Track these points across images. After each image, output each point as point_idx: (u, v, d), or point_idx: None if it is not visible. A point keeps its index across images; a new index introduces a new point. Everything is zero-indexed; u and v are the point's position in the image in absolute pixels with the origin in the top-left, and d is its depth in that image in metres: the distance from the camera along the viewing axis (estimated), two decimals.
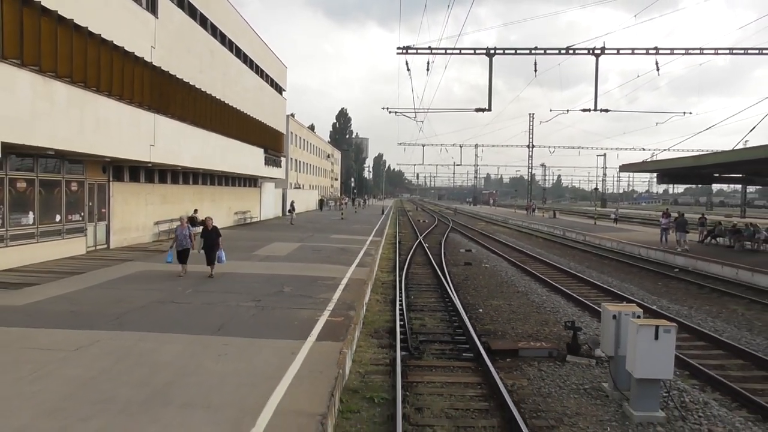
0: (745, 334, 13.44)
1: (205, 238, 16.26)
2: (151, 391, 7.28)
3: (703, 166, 26.27)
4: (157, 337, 9.77)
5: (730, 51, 26.07)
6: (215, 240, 16.20)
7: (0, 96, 13.32)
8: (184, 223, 16.69)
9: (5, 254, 15.89)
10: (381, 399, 8.53)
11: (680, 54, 25.79)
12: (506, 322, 14.08)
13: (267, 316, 11.70)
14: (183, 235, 16.29)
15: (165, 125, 22.75)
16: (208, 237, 16.21)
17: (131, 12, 19.96)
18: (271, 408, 6.86)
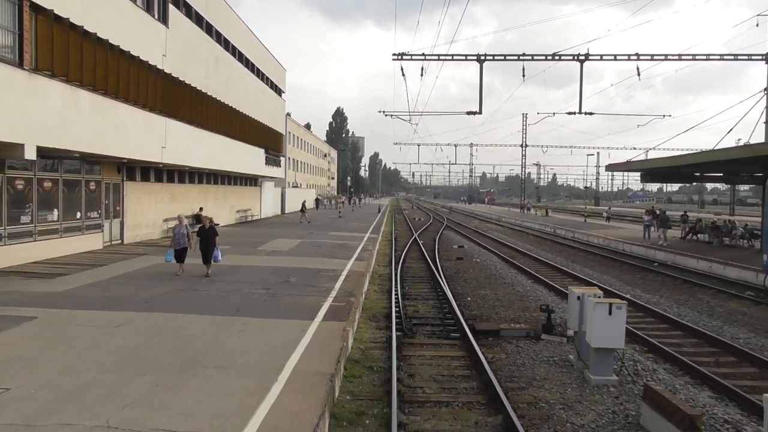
0: (706, 318, 14.98)
1: (202, 237, 16.30)
2: (187, 357, 8.77)
3: (682, 165, 27.83)
4: (184, 317, 11.26)
5: (707, 57, 27.62)
6: (212, 239, 16.21)
7: (35, 105, 14.79)
8: (183, 222, 16.73)
9: (34, 248, 17.34)
10: (379, 367, 10.00)
11: (660, 60, 27.33)
12: (491, 308, 15.57)
13: (277, 301, 13.19)
14: (181, 234, 16.39)
15: (175, 128, 24.22)
16: (205, 236, 16.26)
17: (145, 23, 21.43)
18: (289, 369, 8.35)
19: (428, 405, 8.47)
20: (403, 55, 27.52)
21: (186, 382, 7.65)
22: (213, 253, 16.16)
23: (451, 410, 8.28)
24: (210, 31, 29.27)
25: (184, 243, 16.34)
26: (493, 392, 8.70)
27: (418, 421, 7.85)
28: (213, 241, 16.17)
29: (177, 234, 16.41)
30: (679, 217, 36.77)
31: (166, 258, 16.21)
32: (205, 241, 16.18)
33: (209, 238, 16.18)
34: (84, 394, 7.06)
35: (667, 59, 27.35)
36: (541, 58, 27.69)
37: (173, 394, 7.16)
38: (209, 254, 16.12)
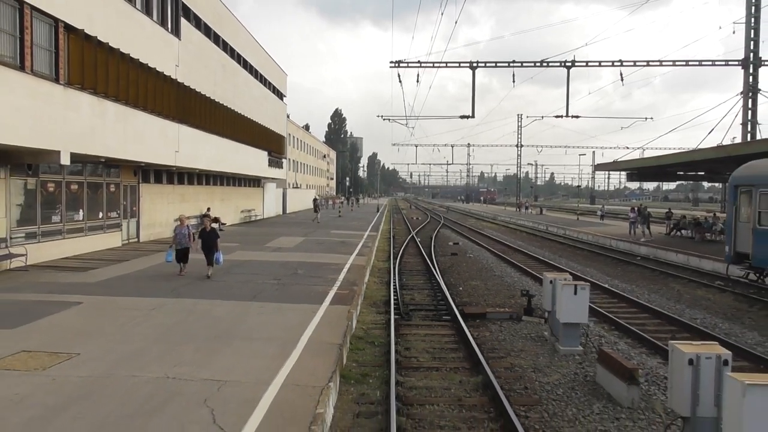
0: (672, 303, 16.65)
1: (204, 239, 16.27)
2: (218, 331, 10.43)
3: (665, 165, 29.55)
4: (209, 302, 12.91)
5: (686, 63, 29.34)
6: (213, 241, 16.18)
7: (69, 115, 16.44)
8: (184, 223, 16.71)
9: (63, 245, 18.98)
10: (379, 342, 11.66)
11: (642, 66, 29.04)
12: (481, 296, 17.24)
13: (288, 289, 14.85)
14: (182, 235, 16.37)
15: (187, 133, 25.88)
16: (207, 238, 16.23)
17: (160, 37, 23.10)
18: (304, 340, 10.00)
19: (421, 369, 10.12)
20: (400, 63, 29.21)
21: (221, 349, 9.31)
22: (215, 255, 16.12)
23: (440, 373, 9.93)
24: (217, 40, 30.95)
25: (185, 243, 16.38)
26: (476, 360, 10.34)
27: (412, 380, 9.50)
28: (214, 243, 16.17)
29: (178, 234, 16.42)
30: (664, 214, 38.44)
31: (167, 258, 16.23)
32: (207, 243, 16.19)
33: (210, 240, 16.18)
34: (140, 357, 8.72)
35: (649, 65, 29.08)
36: (530, 64, 29.41)
37: (213, 357, 8.83)
38: (211, 256, 16.14)
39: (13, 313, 11.37)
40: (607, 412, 8.15)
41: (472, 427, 7.67)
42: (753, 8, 28.39)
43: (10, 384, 7.45)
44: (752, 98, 28.69)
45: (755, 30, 28.58)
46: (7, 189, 16.18)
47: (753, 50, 28.67)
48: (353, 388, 8.92)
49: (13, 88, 14.13)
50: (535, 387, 9.28)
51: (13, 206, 16.61)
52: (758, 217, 15.91)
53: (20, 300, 12.61)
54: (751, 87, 28.56)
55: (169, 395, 7.16)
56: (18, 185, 16.82)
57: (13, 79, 14.17)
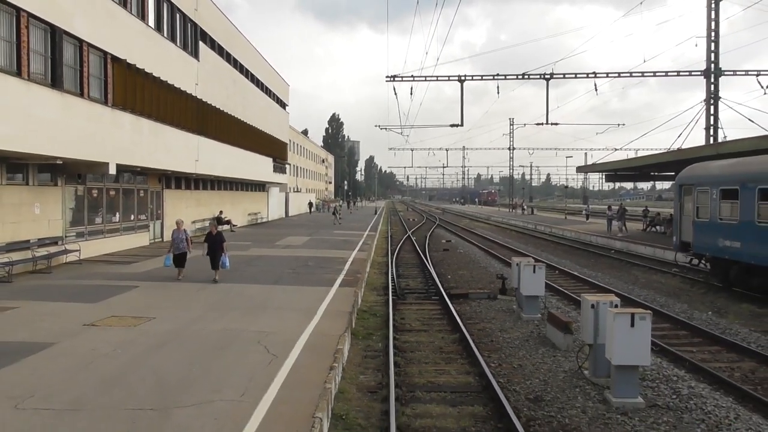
0: (629, 285, 19.55)
1: (209, 243, 16.40)
2: (254, 304, 13.38)
3: (634, 167, 32.56)
4: (241, 285, 15.86)
5: (654, 74, 32.41)
6: (219, 245, 16.25)
7: (115, 132, 19.42)
8: (181, 227, 16.83)
9: (104, 243, 21.92)
10: (380, 314, 14.58)
11: (614, 77, 32.09)
12: (466, 282, 20.19)
13: (303, 276, 17.80)
14: (180, 239, 16.45)
15: (205, 144, 28.85)
16: (213, 242, 16.34)
17: (183, 59, 26.10)
18: (321, 310, 12.94)
19: (413, 331, 13.05)
20: (395, 77, 32.24)
21: (260, 314, 12.26)
22: (221, 258, 16.21)
23: (427, 333, 12.86)
24: (228, 59, 33.95)
25: (183, 248, 16.51)
26: (455, 324, 13.28)
27: (405, 337, 12.43)
28: (220, 247, 16.24)
29: (176, 239, 16.49)
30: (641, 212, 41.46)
31: (165, 263, 16.37)
32: (212, 247, 16.30)
33: (216, 244, 16.30)
34: (202, 319, 11.67)
35: (620, 76, 32.13)
36: (512, 77, 32.45)
37: (255, 319, 11.79)
38: (216, 260, 16.25)
39: (89, 293, 14.31)
40: (548, 352, 11.11)
41: (448, 362, 10.62)
42: (713, 23, 31.46)
43: (116, 334, 10.40)
44: (714, 105, 31.70)
45: (715, 43, 31.58)
46: (63, 195, 19.14)
47: (713, 61, 31.66)
48: (361, 342, 11.84)
49: (77, 113, 17.14)
50: (498, 341, 12.23)
51: (67, 210, 19.56)
52: (696, 211, 18.87)
53: (89, 284, 15.56)
54: (713, 95, 31.58)
55: (232, 338, 10.13)
56: (70, 192, 19.77)
57: (77, 105, 17.17)
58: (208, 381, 7.86)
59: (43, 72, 16.03)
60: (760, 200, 15.56)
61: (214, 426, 6.34)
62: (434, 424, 7.65)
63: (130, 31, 20.82)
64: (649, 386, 9.05)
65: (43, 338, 9.90)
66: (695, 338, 12.54)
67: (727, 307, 15.71)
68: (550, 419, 7.84)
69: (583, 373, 9.58)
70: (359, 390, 8.84)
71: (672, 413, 7.97)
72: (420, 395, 8.80)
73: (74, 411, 6.70)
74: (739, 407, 8.20)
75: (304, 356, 9.23)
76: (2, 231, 16.29)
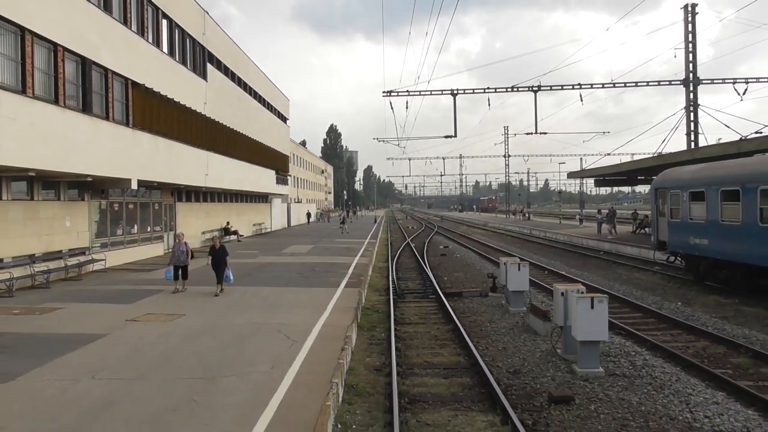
0: (610, 282, 21.20)
1: (213, 256, 16.41)
2: (269, 303, 15.05)
3: (623, 172, 34.30)
4: (256, 288, 17.53)
5: (636, 84, 34.22)
6: (223, 258, 16.27)
7: (135, 151, 21.17)
8: (182, 240, 16.93)
9: (125, 252, 23.60)
10: (382, 311, 16.21)
11: (598, 87, 33.89)
12: (461, 283, 21.85)
13: (310, 279, 19.48)
14: (180, 251, 16.57)
15: (214, 159, 30.60)
16: (216, 255, 16.35)
17: (193, 81, 27.90)
18: (330, 306, 14.61)
19: (411, 324, 14.71)
20: (391, 92, 34.09)
21: (276, 311, 13.94)
22: (224, 272, 16.33)
23: (425, 325, 14.52)
24: (233, 77, 35.80)
25: (183, 260, 16.63)
26: (449, 317, 14.94)
27: (405, 328, 14.08)
28: (224, 260, 16.28)
29: (176, 251, 16.62)
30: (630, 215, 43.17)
31: (166, 275, 16.63)
32: (216, 260, 16.35)
33: (220, 257, 16.31)
34: (227, 315, 13.33)
35: (604, 87, 33.93)
36: (502, 90, 34.29)
37: (273, 314, 13.46)
38: (221, 273, 16.32)
39: (121, 296, 15.98)
40: (529, 338, 12.77)
41: (442, 346, 12.29)
42: (690, 35, 33.32)
43: (155, 327, 12.08)
44: (693, 112, 33.49)
45: (693, 54, 33.44)
46: (89, 210, 20.84)
47: (692, 71, 33.50)
48: (366, 333, 13.49)
49: (104, 134, 18.90)
50: (487, 330, 13.89)
51: (93, 222, 21.26)
52: (670, 213, 20.57)
53: (119, 289, 17.24)
54: (693, 103, 33.38)
55: (256, 329, 11.80)
56: (95, 206, 21.48)
57: (103, 128, 18.94)
58: (243, 359, 9.54)
59: (75, 98, 17.79)
60: (723, 201, 17.27)
61: (253, 389, 8.01)
62: (429, 391, 9.31)
63: (147, 58, 22.63)
64: (611, 361, 10.71)
65: (95, 330, 11.57)
66: (661, 324, 14.20)
67: (696, 298, 17.39)
68: (524, 385, 9.50)
69: (556, 352, 11.25)
70: (366, 368, 10.49)
71: (626, 379, 9.63)
72: (418, 371, 10.46)
73: (140, 380, 8.37)
74: (682, 373, 9.88)
75: (319, 342, 10.89)
76: (39, 242, 17.98)
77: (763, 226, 15.42)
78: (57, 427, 6.67)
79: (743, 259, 16.50)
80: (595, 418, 7.97)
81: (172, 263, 16.59)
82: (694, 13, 33.47)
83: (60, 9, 16.84)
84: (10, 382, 8.29)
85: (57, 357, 9.60)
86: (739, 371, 10.13)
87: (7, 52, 14.92)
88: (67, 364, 9.28)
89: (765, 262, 15.50)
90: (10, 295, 15.91)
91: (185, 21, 27.17)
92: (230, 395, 7.74)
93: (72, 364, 9.23)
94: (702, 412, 8.00)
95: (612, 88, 33.55)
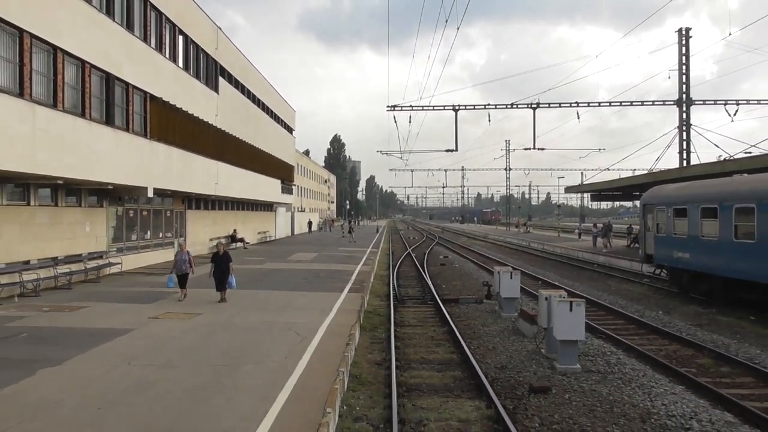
0: (599, 292, 22.32)
1: (216, 263, 16.40)
2: (280, 304, 16.22)
3: (617, 187, 35.49)
4: (265, 291, 18.72)
5: (631, 103, 35.54)
6: (226, 265, 16.29)
7: (152, 161, 22.44)
8: (184, 249, 17.14)
9: (139, 257, 24.82)
10: (383, 314, 17.37)
11: (594, 106, 35.18)
12: (458, 291, 22.99)
13: (316, 285, 20.65)
14: (182, 260, 16.70)
15: (223, 168, 31.89)
16: (219, 262, 16.36)
17: (206, 94, 29.25)
18: (335, 308, 15.77)
19: (410, 326, 15.87)
20: (395, 107, 35.40)
21: (286, 311, 15.11)
22: (228, 279, 16.38)
23: (422, 327, 15.67)
24: (243, 90, 37.18)
25: (185, 269, 16.76)
26: (446, 321, 16.10)
27: (404, 330, 15.24)
28: (227, 267, 16.32)
29: (179, 260, 16.74)
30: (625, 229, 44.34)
31: (168, 284, 16.69)
32: (219, 268, 16.33)
33: (223, 264, 16.33)
34: (241, 314, 14.51)
35: (600, 105, 35.25)
36: (502, 106, 35.59)
37: (283, 314, 14.64)
38: (224, 280, 16.35)
39: (140, 296, 17.17)
40: (517, 339, 13.92)
41: (438, 345, 13.45)
42: (684, 57, 34.63)
43: (177, 324, 13.26)
44: (686, 131, 34.75)
45: (686, 75, 34.75)
46: (107, 216, 22.08)
47: (685, 92, 34.80)
48: (368, 333, 14.65)
49: (125, 145, 20.18)
50: (480, 332, 15.05)
51: (110, 228, 22.48)
52: (657, 228, 21.74)
53: (137, 290, 18.44)
54: (685, 122, 34.63)
55: (270, 326, 12.98)
56: (112, 213, 22.72)
57: (124, 139, 20.23)
58: (259, 351, 10.72)
59: (99, 111, 19.09)
60: (702, 218, 18.46)
61: (271, 375, 9.18)
62: (424, 382, 10.46)
63: (164, 73, 23.97)
64: (589, 359, 11.86)
65: (122, 326, 12.77)
66: (640, 330, 15.35)
67: (677, 308, 18.52)
68: (509, 378, 10.66)
69: (540, 351, 12.41)
70: (368, 363, 11.65)
71: (600, 374, 10.79)
72: (414, 366, 11.62)
73: (170, 367, 9.55)
74: (650, 371, 11.04)
75: (326, 338, 12.06)
76: (62, 246, 19.21)
77: (737, 242, 16.60)
78: (107, 400, 7.85)
79: (721, 272, 17.66)
80: (567, 404, 9.12)
81: (174, 272, 16.75)
82: (688, 36, 34.81)
83: (88, 29, 18.16)
84: (58, 366, 9.48)
85: (93, 347, 10.79)
86: (701, 370, 11.28)
87: (42, 70, 16.22)
88: (103, 352, 10.47)
89: (739, 275, 16.67)
90: (36, 295, 17.12)
91: (200, 37, 28.55)
92: (251, 378, 8.92)
93: (108, 353, 10.41)
94: (660, 401, 9.16)
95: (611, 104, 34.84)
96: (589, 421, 8.43)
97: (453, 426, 8.28)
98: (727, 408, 8.99)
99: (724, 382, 10.44)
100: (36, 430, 6.82)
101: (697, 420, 8.38)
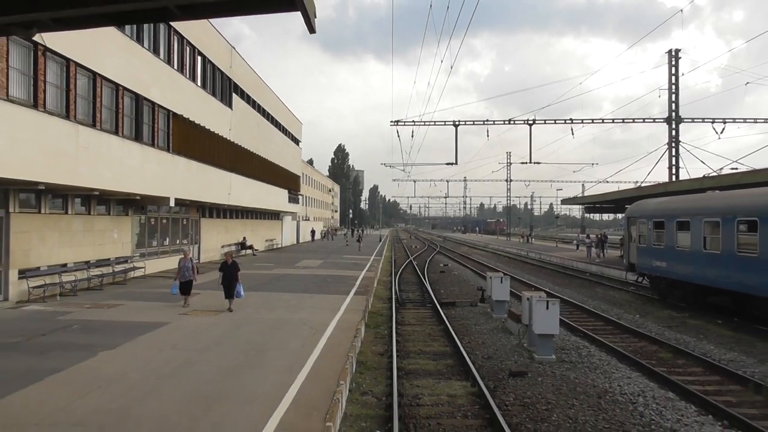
0: (586, 298, 24.08)
1: (224, 272, 16.50)
2: (292, 305, 18.05)
3: (610, 200, 37.28)
4: (277, 293, 20.54)
5: (623, 120, 37.40)
6: (234, 274, 16.40)
7: (174, 173, 24.36)
8: (187, 256, 17.34)
9: (159, 262, 26.68)
10: (386, 315, 19.15)
11: (588, 123, 37.07)
12: (456, 296, 24.75)
13: (324, 288, 22.48)
14: (186, 268, 16.93)
15: (236, 179, 33.83)
16: (227, 271, 16.45)
17: (221, 110, 31.24)
18: (343, 308, 17.59)
19: (410, 325, 17.66)
20: (398, 122, 37.31)
21: (298, 310, 16.94)
22: (236, 288, 16.49)
23: (421, 326, 17.47)
24: (254, 105, 39.23)
25: (189, 276, 17.01)
26: (442, 320, 17.89)
27: (405, 328, 17.03)
28: (235, 276, 16.43)
29: (182, 268, 16.93)
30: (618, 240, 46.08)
31: (172, 291, 16.96)
32: (227, 276, 16.43)
33: (232, 273, 16.44)
34: (258, 313, 16.33)
35: (594, 122, 37.11)
36: (500, 122, 37.51)
37: (296, 312, 16.46)
38: (232, 289, 16.45)
39: (166, 297, 18.99)
40: (505, 336, 15.72)
41: (434, 340, 15.25)
42: (673, 77, 36.54)
43: (204, 319, 15.09)
44: (675, 148, 36.59)
45: (675, 94, 36.64)
46: (131, 223, 23.99)
47: (674, 110, 36.68)
48: (372, 330, 16.45)
49: (151, 160, 22.13)
50: (472, 330, 16.84)
51: (134, 235, 24.37)
52: (639, 239, 23.54)
53: (162, 291, 20.24)
54: (674, 139, 36.48)
55: (284, 323, 14.81)
56: (136, 221, 24.61)
57: (151, 154, 22.18)
58: (279, 340, 12.55)
59: (130, 129, 21.05)
60: (678, 230, 20.26)
61: (292, 356, 11.01)
62: (421, 368, 12.26)
63: (185, 92, 25.97)
64: (564, 352, 13.65)
65: (157, 320, 14.62)
66: (615, 330, 17.13)
67: (653, 312, 20.29)
68: (493, 366, 12.47)
69: (522, 345, 14.21)
70: (373, 353, 13.46)
71: (572, 363, 12.59)
72: (413, 356, 13.43)
73: (207, 351, 11.39)
74: (614, 360, 12.84)
75: (336, 332, 13.88)
76: (93, 251, 21.09)
77: (705, 252, 18.40)
78: (162, 374, 9.68)
79: (692, 279, 19.45)
80: (539, 385, 10.93)
81: (178, 279, 17.00)
82: (677, 57, 36.72)
83: (123, 55, 20.16)
84: (113, 350, 11.34)
85: (139, 336, 12.65)
86: (660, 361, 13.07)
87: (83, 94, 18.18)
88: (148, 340, 12.32)
89: (707, 282, 18.46)
90: (74, 294, 18.99)
91: (216, 57, 30.57)
92: (276, 360, 10.76)
93: (153, 341, 12.27)
94: (617, 384, 10.98)
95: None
96: (555, 397, 10.24)
97: (443, 399, 10.09)
98: (672, 389, 10.78)
99: (676, 371, 12.22)
100: (113, 393, 8.66)
101: (643, 397, 10.18)
